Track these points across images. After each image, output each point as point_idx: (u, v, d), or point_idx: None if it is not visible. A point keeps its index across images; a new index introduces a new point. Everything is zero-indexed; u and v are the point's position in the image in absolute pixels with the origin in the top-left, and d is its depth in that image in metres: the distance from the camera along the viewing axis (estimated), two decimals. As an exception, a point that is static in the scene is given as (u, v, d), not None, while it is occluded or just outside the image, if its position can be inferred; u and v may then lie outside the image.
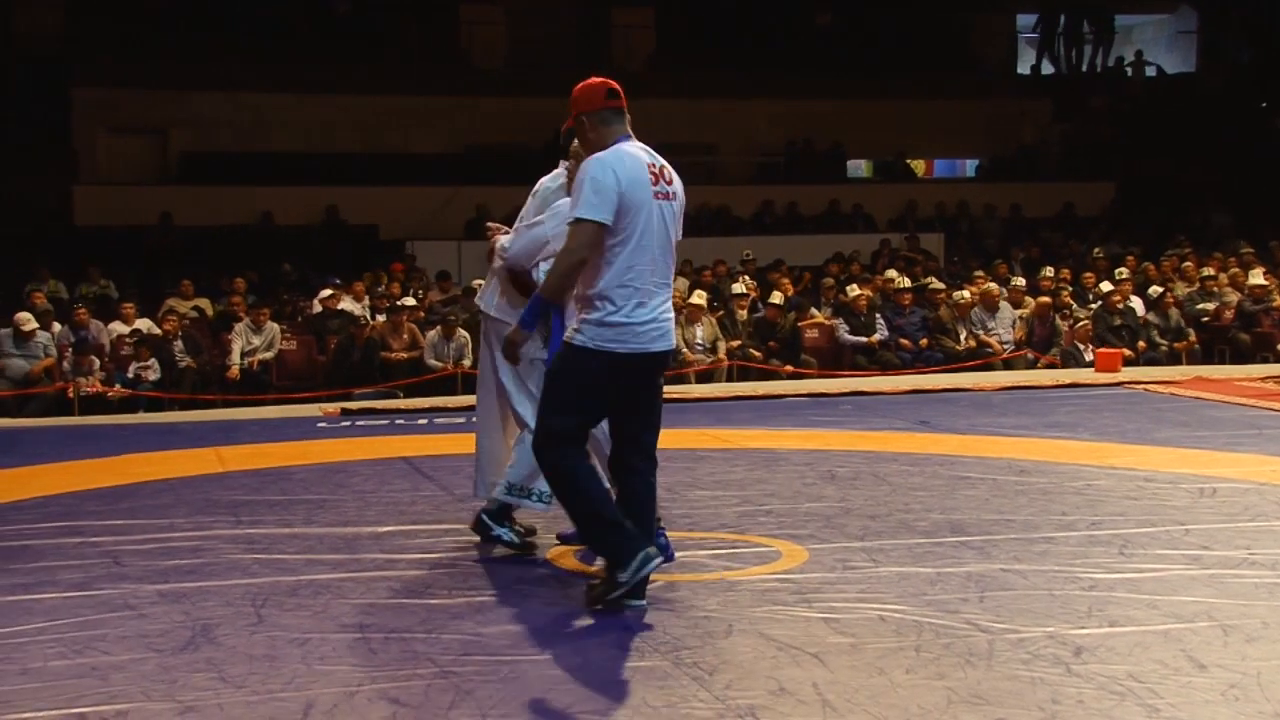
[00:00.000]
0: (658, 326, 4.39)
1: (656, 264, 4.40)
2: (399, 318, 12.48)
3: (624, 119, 4.50)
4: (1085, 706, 3.47)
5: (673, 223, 4.47)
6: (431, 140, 20.37)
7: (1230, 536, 5.35)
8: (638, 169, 4.37)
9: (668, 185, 4.45)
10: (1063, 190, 21.11)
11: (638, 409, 4.51)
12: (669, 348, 4.48)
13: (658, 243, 4.39)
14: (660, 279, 4.43)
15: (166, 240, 17.57)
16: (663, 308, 4.42)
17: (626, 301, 4.32)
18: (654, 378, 4.51)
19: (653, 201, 4.37)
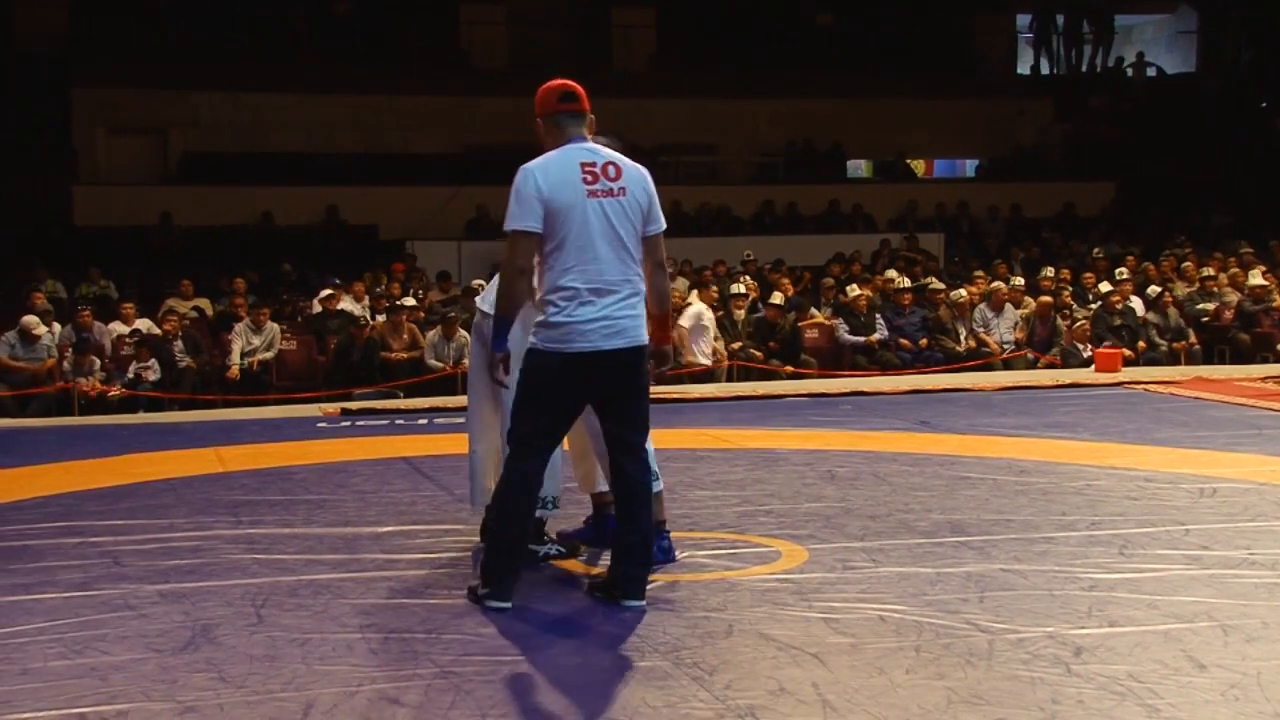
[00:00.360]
0: (610, 324, 4.34)
1: (604, 262, 4.35)
2: (399, 317, 12.48)
3: (580, 121, 4.51)
4: (1085, 706, 3.47)
5: (621, 219, 4.39)
6: (432, 140, 20.38)
7: (1230, 536, 5.35)
8: (565, 171, 4.37)
9: (611, 182, 4.39)
10: (1063, 190, 21.11)
11: (613, 408, 4.48)
12: (625, 345, 4.37)
13: (602, 241, 4.35)
14: (614, 276, 4.37)
15: (166, 240, 17.58)
16: (617, 306, 4.36)
17: (569, 302, 4.34)
18: (617, 376, 4.42)
19: (586, 201, 4.35)
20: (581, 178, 4.37)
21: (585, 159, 4.42)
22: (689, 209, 19.34)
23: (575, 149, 4.45)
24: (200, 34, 19.53)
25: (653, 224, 4.51)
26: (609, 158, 4.45)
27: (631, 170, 4.48)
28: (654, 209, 4.52)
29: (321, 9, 20.70)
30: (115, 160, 19.39)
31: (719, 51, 21.81)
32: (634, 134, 20.07)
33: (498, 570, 4.42)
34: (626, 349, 4.39)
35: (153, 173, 19.57)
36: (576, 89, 4.55)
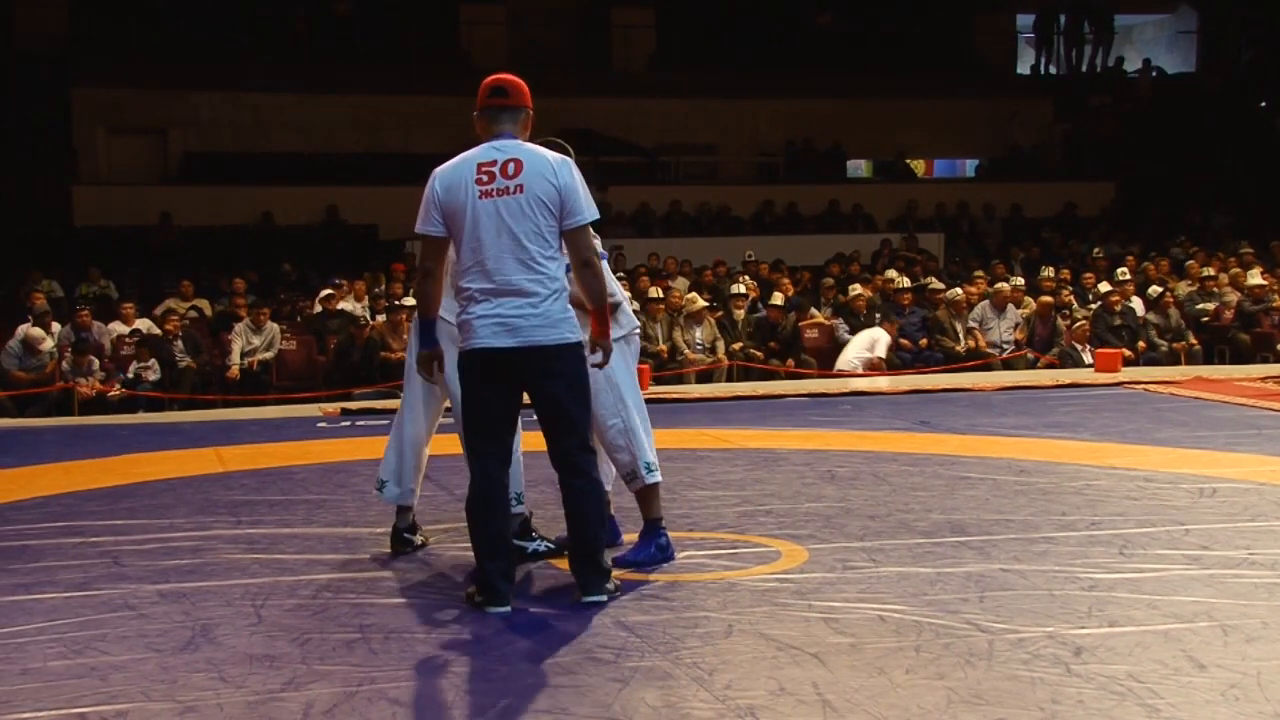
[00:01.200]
0: (503, 323, 4.30)
1: (496, 262, 4.30)
2: (398, 317, 12.48)
3: (509, 117, 4.46)
4: (1085, 706, 3.47)
5: (517, 217, 4.29)
6: (432, 140, 20.32)
7: (1230, 536, 5.35)
8: (459, 173, 4.39)
9: (508, 180, 4.32)
10: (1063, 190, 21.12)
11: (537, 411, 4.44)
12: (518, 344, 4.29)
13: (493, 241, 4.30)
14: (510, 275, 4.29)
15: (166, 240, 17.58)
16: (514, 305, 4.29)
17: (466, 301, 4.37)
18: (522, 376, 4.37)
19: (477, 201, 4.33)
20: (476, 178, 4.35)
21: (485, 159, 4.39)
22: (689, 209, 19.34)
23: (483, 149, 4.44)
24: (200, 34, 19.54)
25: (569, 217, 4.35)
26: (512, 154, 4.36)
27: (537, 164, 4.35)
28: (570, 202, 4.34)
29: (321, 9, 20.71)
30: (115, 160, 19.40)
31: (719, 51, 21.81)
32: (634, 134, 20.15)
33: (489, 576, 4.40)
34: (522, 348, 4.30)
35: (153, 173, 19.58)
36: (509, 84, 4.49)
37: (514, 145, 4.40)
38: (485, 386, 4.41)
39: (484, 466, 4.42)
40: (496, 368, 4.35)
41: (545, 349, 4.33)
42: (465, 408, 4.49)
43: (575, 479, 4.43)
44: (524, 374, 4.37)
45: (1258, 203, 20.11)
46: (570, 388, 4.40)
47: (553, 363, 4.35)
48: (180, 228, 17.77)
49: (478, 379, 4.41)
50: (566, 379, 4.38)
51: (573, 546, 4.52)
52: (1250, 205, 20.19)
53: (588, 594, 4.44)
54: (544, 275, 4.33)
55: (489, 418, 4.44)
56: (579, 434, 4.44)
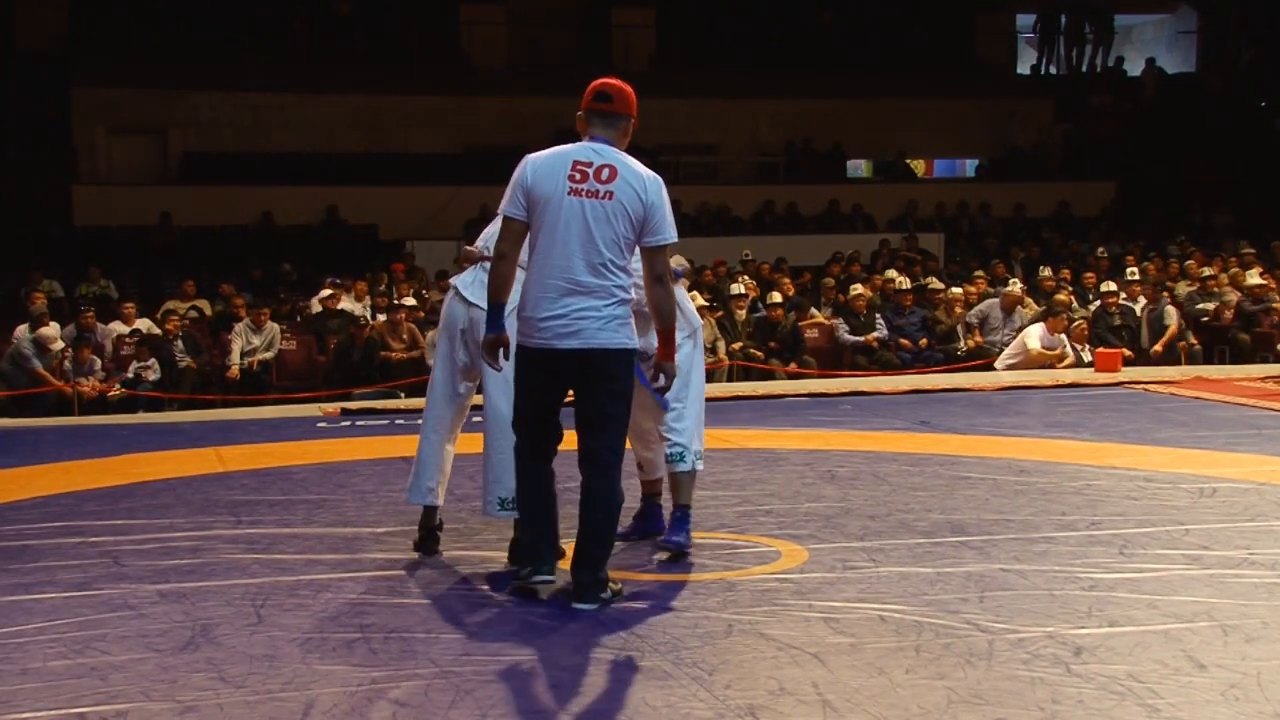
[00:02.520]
0: (567, 324, 4.35)
1: (571, 259, 4.34)
2: (397, 316, 12.49)
3: (607, 122, 4.52)
4: (1085, 706, 3.47)
5: (600, 221, 4.34)
6: (432, 140, 20.38)
7: (1230, 536, 5.35)
8: (554, 164, 4.42)
9: (600, 183, 4.37)
10: (1063, 190, 21.12)
11: (578, 409, 4.49)
12: (579, 346, 4.34)
13: (576, 238, 4.34)
14: (582, 276, 4.34)
15: (166, 240, 17.58)
16: (581, 306, 4.34)
17: (533, 297, 4.40)
18: (575, 377, 4.42)
19: (565, 198, 4.36)
20: (569, 174, 4.39)
21: (582, 158, 4.43)
22: (689, 209, 19.33)
23: (580, 147, 4.49)
24: (200, 34, 19.53)
25: (650, 235, 4.41)
26: (609, 160, 4.42)
27: (631, 177, 4.41)
28: (654, 220, 4.40)
29: (321, 9, 20.70)
30: (115, 160, 19.39)
31: (719, 51, 21.80)
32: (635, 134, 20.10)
33: (533, 545, 4.54)
34: (581, 350, 4.36)
35: (153, 173, 19.58)
36: (614, 90, 4.56)
37: (612, 152, 4.47)
38: (542, 382, 4.47)
39: (534, 458, 4.52)
40: (555, 367, 4.41)
41: (604, 352, 4.39)
42: (519, 398, 4.54)
43: (601, 482, 4.46)
44: (577, 374, 4.43)
45: (1258, 202, 20.10)
46: (617, 394, 4.46)
47: (607, 367, 4.41)
48: (180, 228, 17.77)
49: (536, 373, 4.46)
50: (617, 384, 4.45)
51: (579, 551, 4.47)
52: (1250, 205, 20.19)
53: (582, 601, 4.42)
54: (611, 283, 4.39)
55: (542, 415, 4.51)
56: (611, 438, 4.49)
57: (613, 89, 4.56)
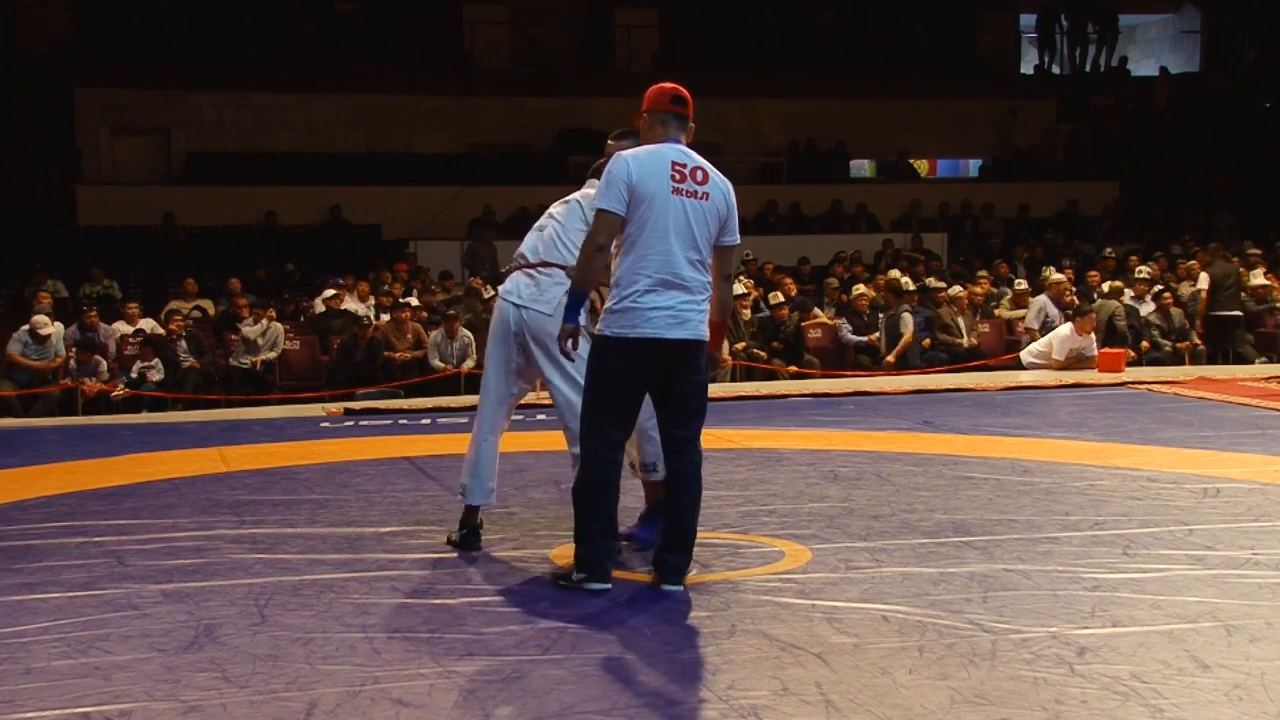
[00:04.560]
0: (675, 314, 4.50)
1: (676, 256, 4.51)
2: (401, 314, 12.50)
3: (681, 124, 4.72)
4: (1089, 707, 3.47)
5: (699, 221, 4.55)
6: (435, 140, 20.39)
7: (1234, 537, 5.35)
8: (655, 164, 4.55)
9: (697, 184, 4.59)
10: (1066, 190, 21.11)
11: (668, 399, 4.62)
12: (688, 336, 4.51)
13: (678, 236, 4.52)
14: (684, 272, 4.51)
15: (170, 240, 17.60)
16: (684, 299, 4.51)
17: (638, 289, 4.50)
18: (675, 366, 4.55)
19: (669, 196, 4.52)
20: (670, 174, 4.54)
21: (678, 159, 4.60)
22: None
23: (670, 148, 4.64)
24: (203, 34, 19.56)
25: (728, 235, 4.67)
26: (699, 163, 4.63)
27: (718, 180, 4.65)
28: (732, 221, 4.68)
29: (325, 9, 20.72)
30: (119, 160, 19.42)
31: (722, 51, 21.81)
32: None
33: (599, 553, 4.59)
34: (690, 340, 4.53)
35: (156, 173, 19.61)
36: (687, 96, 4.76)
37: (696, 155, 4.66)
38: (638, 373, 4.55)
39: (608, 450, 4.57)
40: (659, 357, 4.51)
41: (703, 342, 4.60)
42: (606, 391, 4.57)
43: (690, 468, 4.64)
44: (674, 363, 4.53)
45: (1261, 203, 20.08)
46: (704, 383, 4.69)
47: (700, 357, 4.61)
48: (184, 227, 17.79)
49: (635, 365, 4.53)
50: (702, 373, 4.66)
51: (679, 536, 4.63)
52: (1254, 205, 20.17)
53: (670, 582, 4.58)
54: (704, 279, 4.61)
55: (629, 404, 4.61)
56: (699, 428, 4.69)
57: (686, 95, 4.76)
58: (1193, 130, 22.35)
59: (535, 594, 4.62)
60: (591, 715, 3.46)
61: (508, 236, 16.87)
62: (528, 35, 21.55)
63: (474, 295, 13.61)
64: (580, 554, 4.63)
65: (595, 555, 4.59)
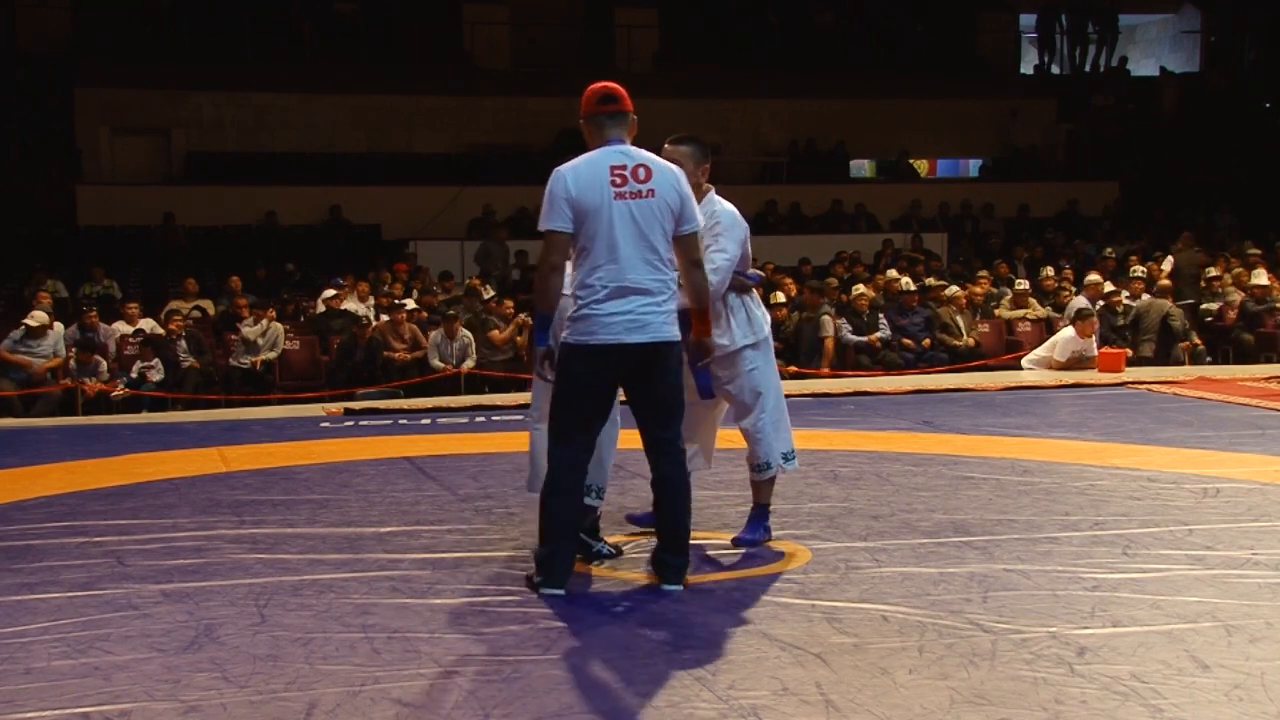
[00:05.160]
0: (634, 319, 4.46)
1: (628, 262, 4.46)
2: (398, 315, 12.51)
3: (619, 122, 4.63)
4: (1088, 707, 3.47)
5: (648, 220, 4.48)
6: (435, 140, 20.39)
7: (1234, 537, 5.34)
8: (594, 173, 4.50)
9: (640, 184, 4.49)
10: (1066, 190, 21.11)
11: (641, 404, 4.60)
12: (647, 340, 4.47)
13: (627, 243, 4.46)
14: (640, 276, 4.46)
15: (170, 240, 17.60)
16: (643, 304, 4.47)
17: (594, 295, 4.47)
18: (641, 370, 4.52)
19: (612, 203, 4.46)
20: (610, 180, 4.48)
21: (616, 161, 4.53)
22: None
23: (608, 151, 4.56)
24: (203, 34, 19.56)
25: (686, 224, 4.58)
26: (640, 160, 4.55)
27: (664, 172, 4.56)
28: (687, 209, 4.58)
29: (325, 9, 20.72)
30: (119, 160, 19.42)
31: (722, 51, 21.81)
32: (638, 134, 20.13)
33: (551, 558, 4.56)
34: (649, 344, 4.48)
35: (156, 173, 19.61)
36: (617, 91, 4.66)
37: (638, 152, 4.60)
38: (601, 379, 4.55)
39: (572, 456, 4.56)
40: (621, 362, 4.50)
41: (668, 344, 4.55)
42: (568, 398, 4.57)
43: (675, 469, 4.61)
44: (639, 367, 4.52)
45: (1261, 203, 20.09)
46: (678, 381, 4.63)
47: (668, 359, 4.56)
48: (184, 227, 17.80)
49: (598, 372, 4.53)
50: (676, 373, 4.61)
51: (673, 538, 4.64)
52: (1254, 205, 20.18)
53: (670, 582, 4.59)
54: (666, 277, 4.55)
55: (594, 410, 4.59)
56: (679, 427, 4.66)
57: (615, 90, 4.66)
58: (1193, 130, 22.35)
59: (535, 594, 4.62)
60: (591, 715, 3.46)
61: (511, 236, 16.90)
62: (528, 35, 21.56)
63: (474, 295, 13.61)
64: (539, 555, 4.66)
65: (551, 559, 4.57)
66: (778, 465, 5.31)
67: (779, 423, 5.31)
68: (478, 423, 9.14)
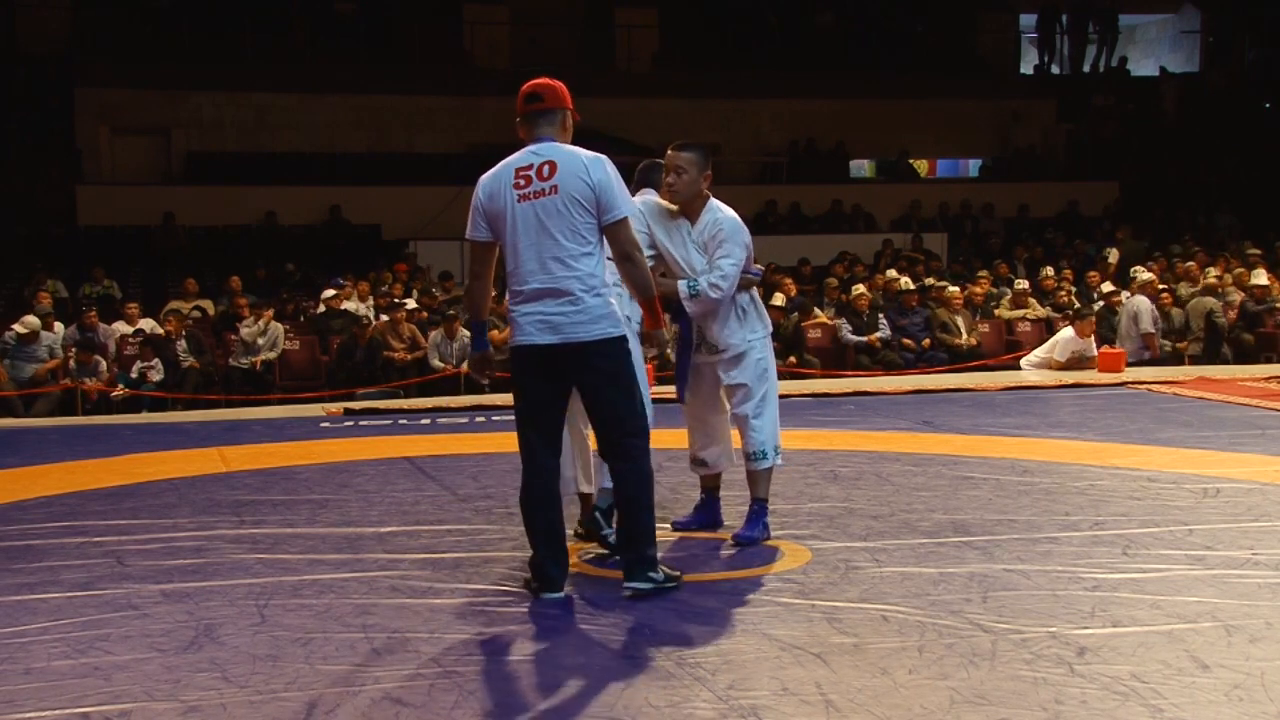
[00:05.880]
0: (544, 320, 4.42)
1: (533, 263, 4.42)
2: (397, 315, 12.51)
3: (546, 120, 4.60)
4: (1088, 707, 3.47)
5: (553, 217, 4.39)
6: (435, 140, 20.38)
7: (1234, 537, 5.34)
8: (498, 180, 4.52)
9: (544, 181, 4.42)
10: (1066, 190, 21.10)
11: (586, 405, 4.61)
12: (559, 341, 4.40)
13: (535, 242, 4.41)
14: (549, 274, 4.39)
15: (170, 240, 17.60)
16: (555, 304, 4.40)
17: (515, 300, 4.50)
18: (569, 373, 4.47)
19: (515, 205, 4.45)
20: (514, 183, 4.47)
21: (522, 163, 4.50)
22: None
23: (520, 154, 4.55)
24: (203, 34, 19.56)
25: (607, 213, 4.44)
26: (548, 157, 4.47)
27: (571, 164, 4.44)
28: (606, 198, 4.42)
29: (324, 9, 20.72)
30: (119, 160, 19.41)
31: (722, 51, 21.82)
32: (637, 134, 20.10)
33: (543, 563, 4.56)
34: (562, 344, 4.42)
35: (156, 173, 19.60)
36: (543, 88, 4.63)
37: (550, 148, 4.52)
38: (533, 381, 4.53)
39: (534, 458, 4.56)
40: (542, 363, 4.47)
41: (586, 345, 4.43)
42: (516, 401, 4.61)
43: (622, 464, 4.54)
44: (568, 369, 4.49)
45: (1261, 203, 20.09)
46: (612, 381, 4.50)
47: (593, 358, 4.46)
48: (184, 228, 17.79)
49: (526, 373, 4.53)
50: (608, 373, 4.49)
51: (620, 533, 4.65)
52: (1254, 205, 20.18)
53: (631, 580, 4.53)
54: (581, 273, 4.42)
55: (538, 410, 4.56)
56: (624, 424, 4.53)
57: (541, 87, 4.64)
58: (1193, 130, 22.34)
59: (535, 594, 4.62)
60: (591, 715, 3.46)
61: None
62: (528, 35, 21.54)
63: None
64: (530, 561, 4.65)
65: (539, 564, 4.57)
66: (773, 455, 5.35)
67: (775, 416, 5.38)
68: (478, 423, 9.14)
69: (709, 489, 5.66)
